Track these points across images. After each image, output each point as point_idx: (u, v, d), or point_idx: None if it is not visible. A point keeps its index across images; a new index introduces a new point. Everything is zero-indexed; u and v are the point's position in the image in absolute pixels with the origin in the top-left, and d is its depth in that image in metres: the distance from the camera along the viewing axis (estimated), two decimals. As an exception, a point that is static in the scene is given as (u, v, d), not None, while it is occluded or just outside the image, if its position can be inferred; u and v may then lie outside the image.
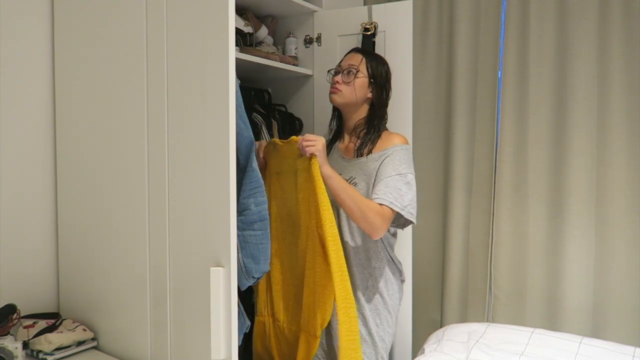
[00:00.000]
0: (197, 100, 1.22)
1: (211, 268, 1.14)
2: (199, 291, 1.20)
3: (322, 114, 2.00)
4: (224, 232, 1.15)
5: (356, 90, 1.63)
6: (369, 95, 1.66)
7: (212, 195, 1.18)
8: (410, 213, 1.52)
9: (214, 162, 1.18)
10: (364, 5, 2.31)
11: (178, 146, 1.27)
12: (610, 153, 2.04)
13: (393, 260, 1.68)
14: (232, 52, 1.15)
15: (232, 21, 1.14)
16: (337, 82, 1.65)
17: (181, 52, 1.27)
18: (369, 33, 1.89)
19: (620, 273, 2.03)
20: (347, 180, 1.60)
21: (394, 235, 1.70)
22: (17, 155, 1.57)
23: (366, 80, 1.64)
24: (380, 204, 1.48)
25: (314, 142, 1.45)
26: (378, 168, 1.57)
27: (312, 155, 1.45)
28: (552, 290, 2.16)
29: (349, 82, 1.63)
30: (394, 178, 1.52)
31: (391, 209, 1.48)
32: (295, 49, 2.10)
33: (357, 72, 1.63)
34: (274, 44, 2.08)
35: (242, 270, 1.30)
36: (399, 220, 1.59)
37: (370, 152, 1.61)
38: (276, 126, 1.98)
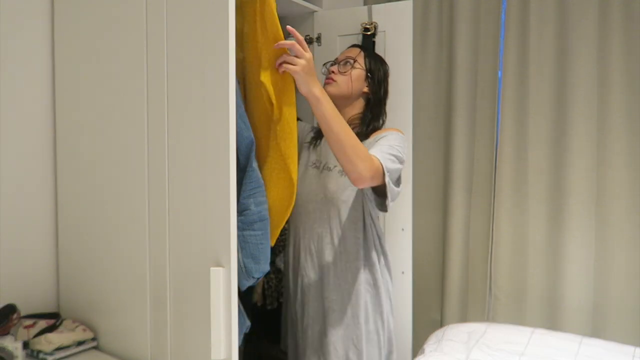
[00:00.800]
0: (197, 100, 1.22)
1: (211, 268, 1.14)
2: (199, 291, 1.20)
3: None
4: (224, 232, 1.15)
5: (352, 81, 1.56)
6: (365, 89, 1.60)
7: (213, 195, 1.18)
8: (389, 180, 1.38)
9: (214, 162, 1.18)
10: (364, 5, 2.31)
11: (178, 146, 1.27)
12: (610, 153, 2.04)
13: (383, 249, 1.62)
14: (232, 52, 1.15)
15: (232, 21, 1.14)
16: (333, 72, 1.59)
17: (181, 51, 1.27)
18: (369, 33, 1.89)
19: (620, 273, 2.03)
20: (340, 172, 1.54)
21: (376, 216, 1.61)
22: (17, 155, 1.57)
23: (363, 73, 1.59)
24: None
25: (297, 60, 1.25)
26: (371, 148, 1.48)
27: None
28: (552, 290, 2.16)
29: (344, 72, 1.57)
30: (386, 147, 1.43)
31: (381, 163, 1.35)
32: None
33: (354, 62, 1.58)
34: (274, 44, 2.08)
35: (242, 271, 1.30)
36: (382, 206, 1.52)
37: (364, 140, 1.54)
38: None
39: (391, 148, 1.44)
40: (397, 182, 1.49)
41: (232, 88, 1.15)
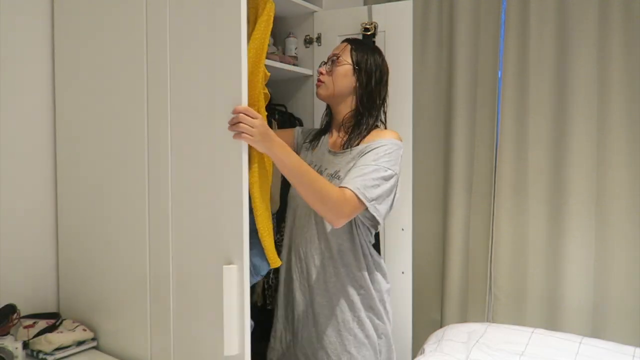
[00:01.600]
0: (205, 97, 1.22)
1: (224, 266, 1.14)
2: (210, 289, 1.20)
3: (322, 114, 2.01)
4: (237, 231, 1.16)
5: (336, 78, 1.50)
6: (355, 84, 1.52)
7: (226, 194, 1.18)
8: (375, 208, 1.36)
9: (228, 160, 1.17)
10: (364, 5, 2.31)
11: (185, 146, 1.27)
12: (610, 153, 2.04)
13: (372, 256, 1.57)
14: (244, 46, 1.14)
15: (244, 14, 1.13)
16: (321, 73, 1.53)
17: (183, 50, 1.27)
18: (369, 33, 1.89)
19: (620, 273, 2.03)
20: (332, 175, 1.50)
21: (371, 229, 1.56)
22: (17, 155, 1.57)
23: (349, 68, 1.51)
24: (347, 188, 1.33)
25: (250, 128, 1.15)
26: (359, 159, 1.44)
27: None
28: (552, 290, 2.16)
29: (330, 72, 1.52)
30: (370, 166, 1.38)
31: (357, 196, 1.33)
32: (295, 49, 2.10)
33: (338, 59, 1.51)
34: (274, 44, 2.08)
35: (250, 269, 1.30)
36: (373, 220, 1.46)
37: (357, 145, 1.49)
38: (276, 126, 1.98)
39: (377, 170, 1.38)
40: (392, 197, 1.44)
41: (245, 84, 1.14)
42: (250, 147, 1.25)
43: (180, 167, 1.28)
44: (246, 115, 1.14)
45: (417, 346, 2.04)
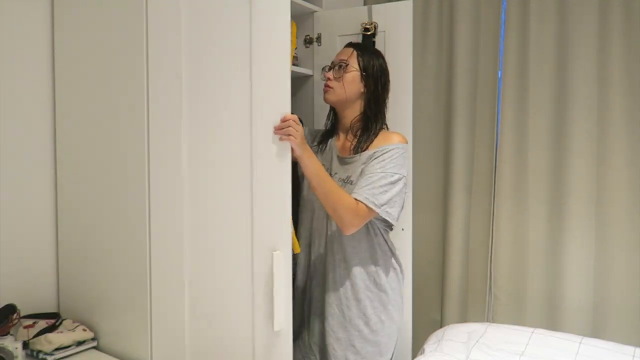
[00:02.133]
0: (251, 108, 1.25)
1: (273, 252, 1.23)
2: (255, 274, 1.27)
3: (322, 114, 2.00)
4: (284, 221, 1.24)
5: (346, 85, 1.57)
6: (363, 89, 1.59)
7: (274, 191, 1.24)
8: (387, 212, 1.46)
9: (277, 161, 1.24)
10: (364, 5, 2.31)
11: (212, 152, 1.31)
12: (610, 153, 2.04)
13: (393, 253, 1.64)
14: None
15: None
16: (329, 78, 1.59)
17: (196, 49, 1.27)
18: (369, 33, 1.89)
19: (620, 273, 2.03)
20: (344, 180, 1.56)
21: (387, 229, 1.64)
22: (17, 154, 1.57)
23: (357, 74, 1.58)
24: (356, 199, 1.43)
25: (296, 133, 1.28)
26: (368, 164, 1.51)
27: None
28: (552, 290, 2.16)
29: (339, 78, 1.58)
30: (377, 174, 1.46)
31: (366, 205, 1.43)
32: (295, 49, 2.09)
33: (347, 65, 1.57)
34: (274, 44, 2.08)
35: None
36: (386, 222, 1.56)
37: (366, 149, 1.55)
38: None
39: (384, 176, 1.46)
40: (402, 198, 1.51)
41: (289, 96, 1.21)
42: None
43: (209, 170, 1.32)
44: (294, 122, 1.27)
45: (417, 346, 2.04)
